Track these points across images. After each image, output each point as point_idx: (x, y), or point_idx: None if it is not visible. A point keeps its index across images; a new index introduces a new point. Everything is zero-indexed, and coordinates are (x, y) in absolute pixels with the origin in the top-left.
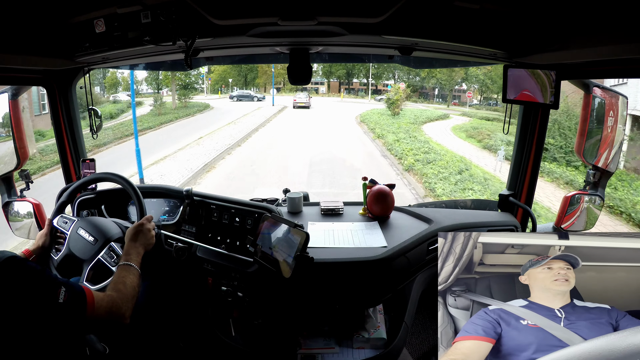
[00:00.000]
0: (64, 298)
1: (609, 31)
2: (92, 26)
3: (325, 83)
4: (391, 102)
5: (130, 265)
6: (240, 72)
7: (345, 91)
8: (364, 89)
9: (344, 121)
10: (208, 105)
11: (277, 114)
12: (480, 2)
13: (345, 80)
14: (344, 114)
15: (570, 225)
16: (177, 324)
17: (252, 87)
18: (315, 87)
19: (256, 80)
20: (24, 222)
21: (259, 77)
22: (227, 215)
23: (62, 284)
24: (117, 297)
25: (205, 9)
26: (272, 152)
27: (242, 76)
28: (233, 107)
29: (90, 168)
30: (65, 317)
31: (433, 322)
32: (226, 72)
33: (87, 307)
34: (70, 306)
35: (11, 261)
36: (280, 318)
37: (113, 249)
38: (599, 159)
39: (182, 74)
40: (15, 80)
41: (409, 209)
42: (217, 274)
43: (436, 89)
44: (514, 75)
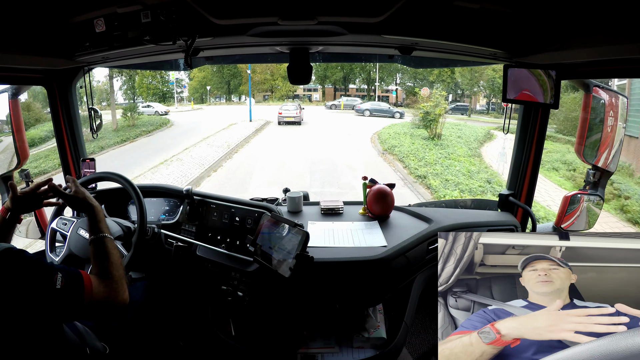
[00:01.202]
0: (61, 283)
1: (609, 31)
2: (92, 26)
3: (319, 89)
4: (429, 119)
5: (108, 237)
6: (222, 79)
7: (341, 97)
8: (361, 95)
9: (356, 151)
10: (167, 122)
11: (250, 136)
12: (480, 2)
13: (342, 85)
14: (351, 133)
15: (570, 225)
16: (177, 324)
17: (236, 95)
18: (308, 94)
19: (240, 87)
20: (24, 221)
21: (244, 83)
22: (227, 214)
23: (58, 269)
24: (112, 280)
25: (205, 9)
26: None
27: (224, 83)
28: (198, 125)
29: (90, 167)
30: (63, 303)
31: (433, 321)
32: (207, 79)
33: (84, 290)
34: (68, 291)
35: (8, 252)
36: (280, 318)
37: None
38: (599, 159)
39: (159, 81)
40: (15, 80)
41: (409, 208)
42: (217, 274)
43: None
44: (514, 75)
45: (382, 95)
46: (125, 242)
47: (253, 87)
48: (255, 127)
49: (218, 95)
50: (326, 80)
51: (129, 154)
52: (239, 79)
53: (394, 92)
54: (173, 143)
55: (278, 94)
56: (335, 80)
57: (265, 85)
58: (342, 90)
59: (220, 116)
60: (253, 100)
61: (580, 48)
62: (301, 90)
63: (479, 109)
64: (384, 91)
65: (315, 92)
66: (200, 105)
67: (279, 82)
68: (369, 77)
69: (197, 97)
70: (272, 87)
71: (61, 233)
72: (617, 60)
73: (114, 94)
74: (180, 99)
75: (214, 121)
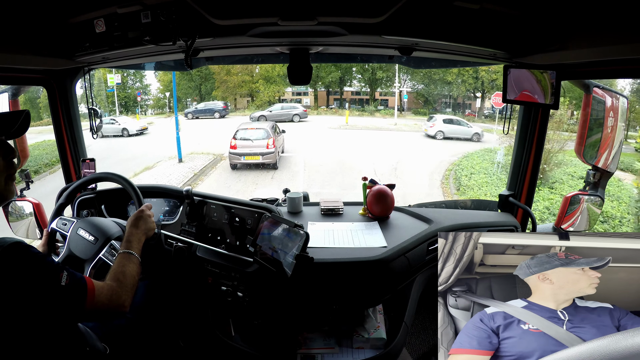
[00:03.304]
0: (66, 281)
1: (609, 31)
2: (92, 26)
3: (310, 93)
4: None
5: (130, 253)
6: (192, 83)
7: (335, 102)
8: (357, 99)
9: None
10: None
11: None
12: (480, 2)
13: (337, 89)
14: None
15: (571, 226)
16: (177, 324)
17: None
18: (297, 98)
19: (213, 92)
20: (24, 221)
21: (217, 88)
22: (227, 215)
23: (64, 268)
24: (117, 286)
25: (205, 9)
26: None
27: (195, 88)
28: (113, 159)
29: (90, 168)
30: (66, 301)
31: (433, 322)
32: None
33: (87, 294)
34: (72, 290)
35: (16, 246)
36: (280, 318)
37: (114, 247)
38: (599, 160)
39: (119, 89)
40: (15, 80)
41: (409, 209)
42: (216, 274)
43: (448, 97)
44: (514, 75)
45: (382, 99)
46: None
47: (227, 92)
48: (181, 178)
49: (189, 101)
50: (319, 80)
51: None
52: (212, 83)
53: (405, 96)
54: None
55: (260, 100)
56: (329, 82)
57: (244, 88)
58: (336, 94)
59: (167, 138)
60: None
61: (580, 48)
62: (290, 94)
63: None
64: (383, 94)
65: (306, 95)
66: (157, 117)
67: (260, 86)
68: (372, 78)
69: (162, 106)
70: (251, 91)
71: (61, 233)
72: (617, 61)
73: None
74: (143, 109)
75: (145, 150)
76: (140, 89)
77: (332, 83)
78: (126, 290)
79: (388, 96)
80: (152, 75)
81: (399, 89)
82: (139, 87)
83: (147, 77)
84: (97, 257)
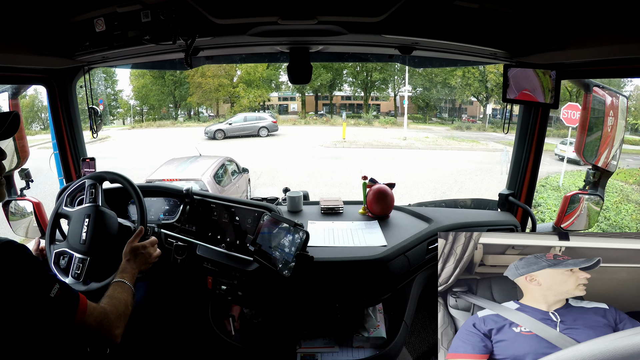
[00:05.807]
0: (56, 294)
1: (609, 31)
2: (92, 25)
3: (297, 98)
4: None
5: (124, 282)
6: (165, 89)
7: (325, 108)
8: (348, 104)
9: None
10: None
11: None
12: (480, 2)
13: (326, 93)
14: None
15: (570, 225)
16: (177, 324)
17: (184, 110)
18: (284, 103)
19: (189, 98)
20: (24, 221)
21: (192, 94)
22: (227, 214)
23: (58, 281)
24: (110, 311)
25: (205, 8)
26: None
27: (168, 94)
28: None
29: (90, 167)
30: (53, 314)
31: (433, 321)
32: (147, 88)
33: (77, 311)
34: (60, 304)
35: (8, 245)
36: (280, 317)
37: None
38: (599, 159)
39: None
40: (15, 80)
41: (409, 208)
42: (216, 273)
43: (444, 101)
44: (514, 74)
45: (373, 103)
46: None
47: (203, 97)
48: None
49: (206, 111)
50: (306, 86)
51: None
52: (186, 87)
53: (405, 100)
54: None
55: (238, 106)
56: (319, 85)
57: (221, 93)
58: (325, 98)
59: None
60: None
61: (580, 48)
62: (275, 100)
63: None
64: (374, 98)
65: (293, 101)
66: (128, 126)
67: (240, 90)
68: (366, 81)
69: (134, 113)
70: (230, 95)
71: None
72: (617, 60)
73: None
74: (112, 117)
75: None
76: (112, 95)
77: (321, 87)
78: (118, 317)
79: (380, 100)
80: (125, 79)
81: (398, 93)
82: (109, 93)
83: (119, 81)
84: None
